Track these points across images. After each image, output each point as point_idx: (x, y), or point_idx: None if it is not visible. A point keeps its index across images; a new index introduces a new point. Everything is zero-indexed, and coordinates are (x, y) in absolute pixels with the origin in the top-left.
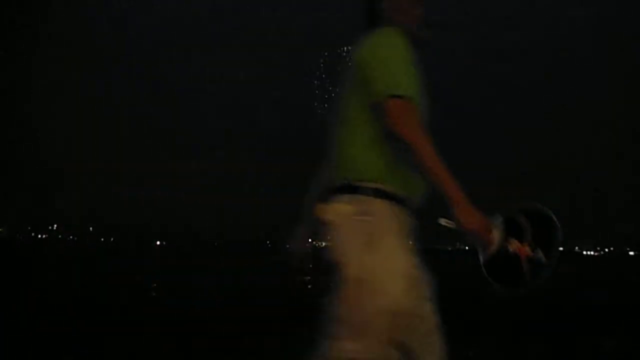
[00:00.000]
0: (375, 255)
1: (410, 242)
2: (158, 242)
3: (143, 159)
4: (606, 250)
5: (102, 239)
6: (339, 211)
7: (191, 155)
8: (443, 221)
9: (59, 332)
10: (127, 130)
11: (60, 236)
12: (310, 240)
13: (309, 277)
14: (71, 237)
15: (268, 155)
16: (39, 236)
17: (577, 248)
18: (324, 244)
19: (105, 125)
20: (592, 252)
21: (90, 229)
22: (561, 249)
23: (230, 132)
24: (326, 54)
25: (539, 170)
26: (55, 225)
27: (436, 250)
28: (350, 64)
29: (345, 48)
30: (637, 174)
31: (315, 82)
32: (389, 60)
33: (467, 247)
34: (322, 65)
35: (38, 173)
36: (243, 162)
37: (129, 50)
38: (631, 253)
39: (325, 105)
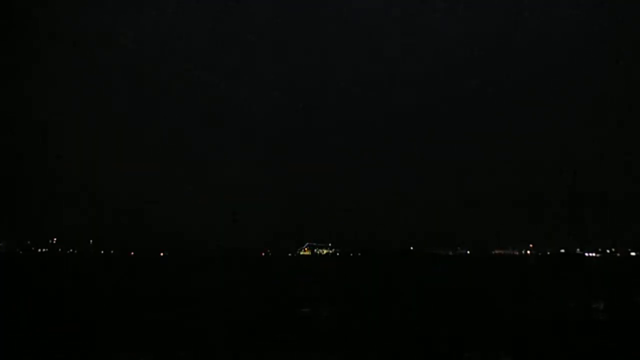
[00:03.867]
0: None
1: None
2: (162, 254)
3: (144, 168)
4: (608, 252)
5: (102, 252)
6: None
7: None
8: None
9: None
10: (129, 137)
11: (60, 250)
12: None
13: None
14: (71, 250)
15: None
16: (39, 250)
17: (578, 250)
18: (324, 251)
19: (106, 133)
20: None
21: (90, 241)
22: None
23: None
24: None
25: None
26: (55, 239)
27: (437, 255)
28: None
29: None
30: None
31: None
32: None
33: (467, 252)
34: None
35: (38, 188)
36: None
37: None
38: (633, 254)
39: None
